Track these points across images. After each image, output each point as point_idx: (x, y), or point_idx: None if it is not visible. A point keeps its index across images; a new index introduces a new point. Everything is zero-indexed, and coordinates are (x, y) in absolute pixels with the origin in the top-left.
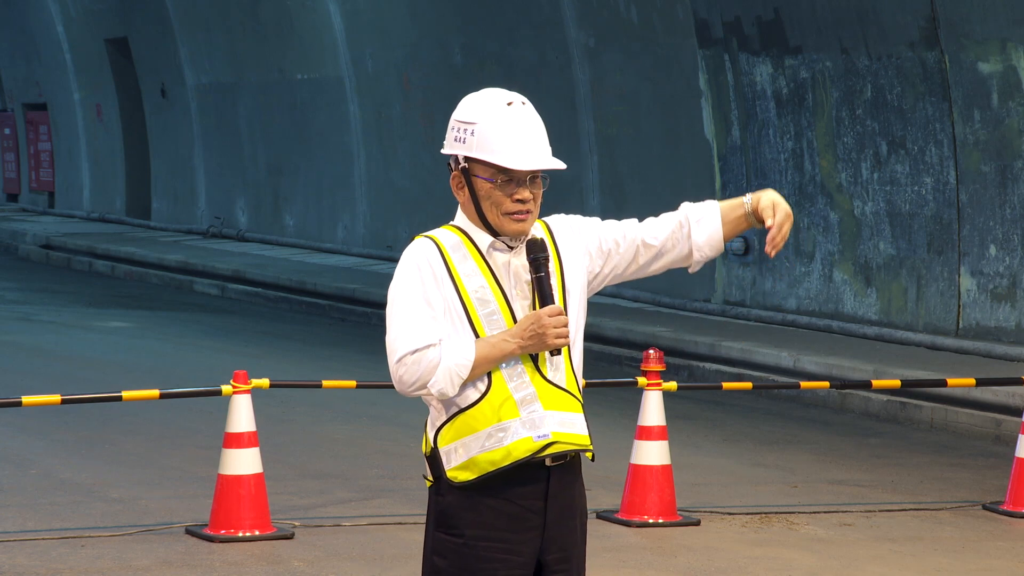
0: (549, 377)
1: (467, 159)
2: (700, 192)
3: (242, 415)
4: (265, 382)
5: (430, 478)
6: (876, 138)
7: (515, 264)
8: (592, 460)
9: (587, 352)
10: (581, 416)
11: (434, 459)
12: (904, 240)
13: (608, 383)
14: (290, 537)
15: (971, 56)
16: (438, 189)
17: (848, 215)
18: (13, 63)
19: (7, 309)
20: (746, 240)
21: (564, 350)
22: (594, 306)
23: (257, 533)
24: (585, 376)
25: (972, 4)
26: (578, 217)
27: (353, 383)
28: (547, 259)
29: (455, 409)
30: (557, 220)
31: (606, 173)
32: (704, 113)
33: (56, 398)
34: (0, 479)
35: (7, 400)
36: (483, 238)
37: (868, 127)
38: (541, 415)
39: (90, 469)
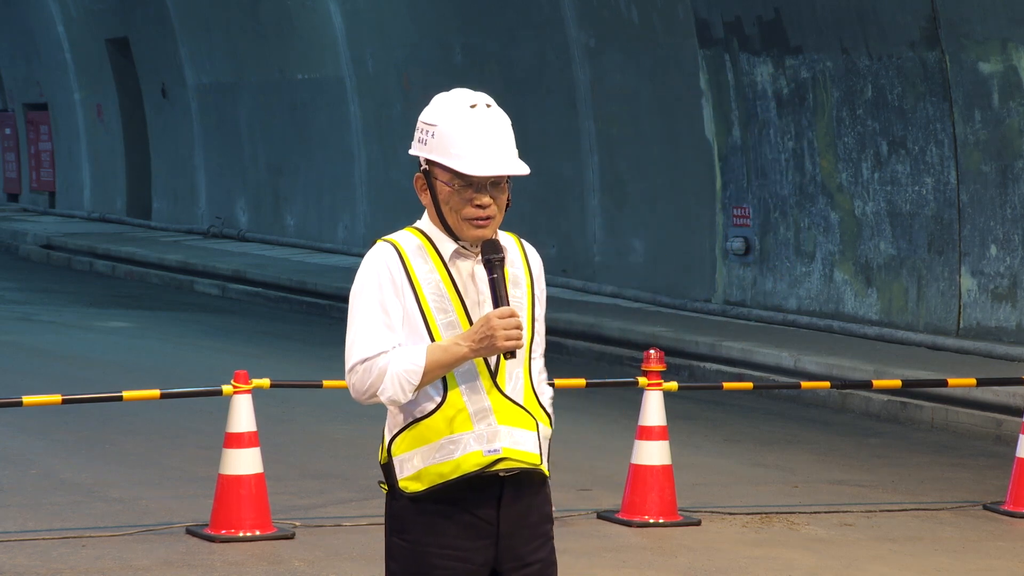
0: (507, 392)
1: (428, 161)
2: (701, 192)
3: (243, 415)
4: (266, 382)
5: (385, 485)
6: (877, 138)
7: (479, 272)
8: (546, 477)
9: (588, 352)
10: (534, 434)
11: (388, 468)
12: (905, 240)
13: (609, 383)
14: (290, 537)
15: (972, 56)
16: None
17: (849, 215)
18: (13, 63)
19: (7, 309)
20: (746, 240)
21: (524, 366)
22: (594, 306)
23: (258, 533)
24: (586, 376)
25: (972, 4)
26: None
27: None
28: (502, 261)
29: (411, 419)
30: (532, 249)
31: (606, 173)
32: (705, 113)
33: (56, 398)
34: (0, 479)
35: (7, 400)
36: (446, 244)
37: (869, 127)
38: (495, 430)
39: (90, 469)
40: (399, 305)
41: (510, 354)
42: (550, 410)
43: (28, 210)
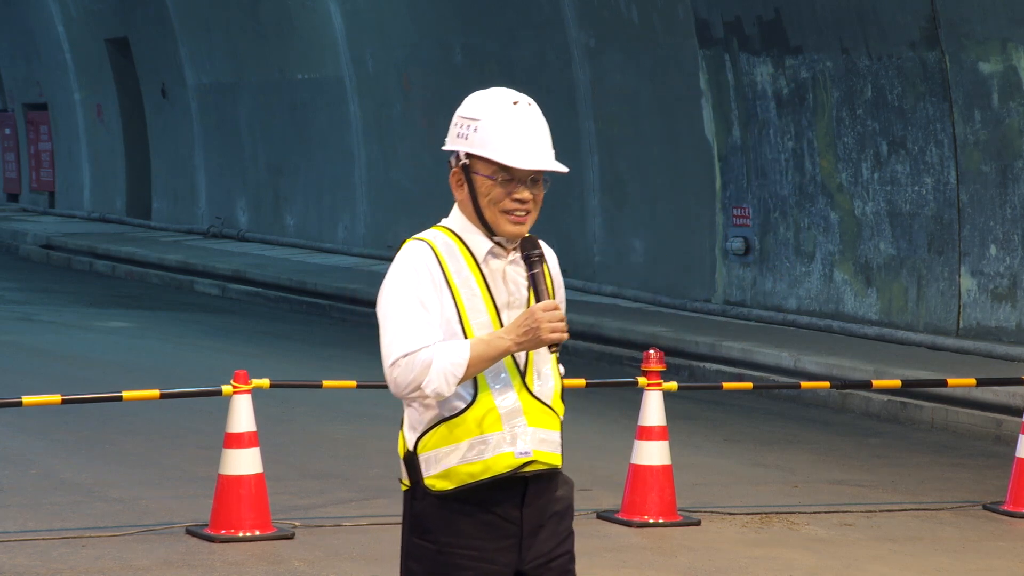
0: (535, 391)
1: (468, 155)
2: (701, 192)
3: (242, 415)
4: (265, 382)
5: (406, 482)
6: (876, 138)
7: (510, 272)
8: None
9: (588, 352)
10: (558, 434)
11: (412, 464)
12: (904, 240)
13: (609, 383)
14: (290, 537)
15: (971, 56)
16: (438, 189)
17: (848, 215)
18: (13, 63)
19: (7, 309)
20: (746, 240)
21: (552, 365)
22: (594, 306)
23: (257, 533)
24: (585, 376)
25: (972, 4)
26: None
27: (353, 383)
28: (541, 256)
29: (439, 417)
30: (550, 250)
31: (606, 173)
32: (704, 113)
33: (56, 398)
34: (0, 479)
35: (7, 400)
36: (479, 243)
37: (868, 127)
38: (524, 430)
39: (90, 469)
40: (437, 302)
41: (555, 347)
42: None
43: (28, 210)
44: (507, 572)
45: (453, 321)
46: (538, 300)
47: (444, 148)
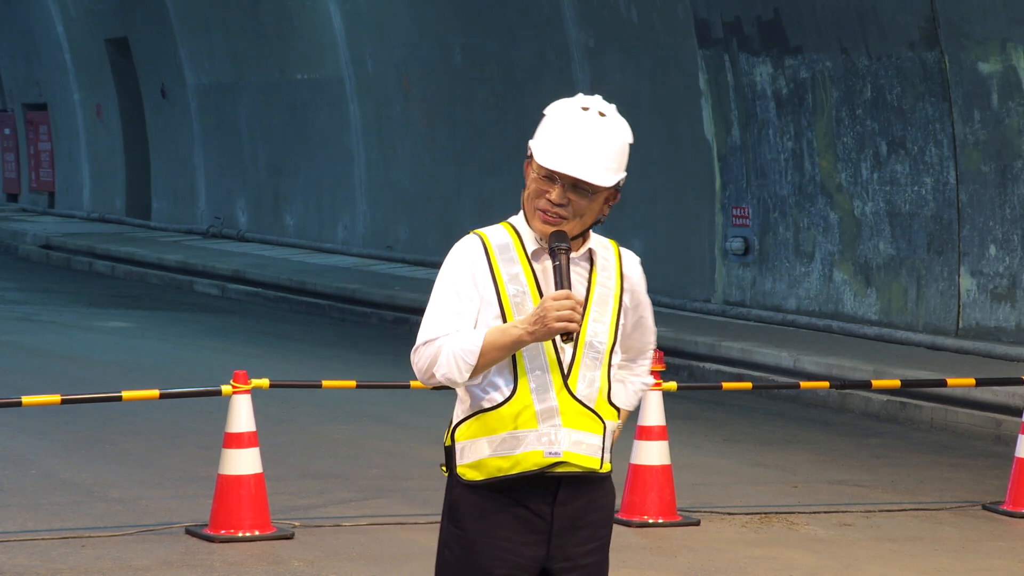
0: (577, 394)
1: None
2: (700, 192)
3: (242, 415)
4: (265, 382)
5: (446, 470)
6: (876, 138)
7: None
8: (609, 474)
9: None
10: (599, 438)
11: (449, 452)
12: (904, 240)
13: None
14: (290, 537)
15: (971, 56)
16: (438, 189)
17: (848, 215)
18: (13, 63)
19: (7, 309)
20: (746, 240)
21: (603, 370)
22: None
23: (257, 533)
24: None
25: (972, 4)
26: (643, 284)
27: (353, 383)
28: (566, 250)
29: (477, 408)
30: (632, 258)
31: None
32: (704, 113)
33: (56, 398)
34: (0, 479)
35: (7, 400)
36: (531, 239)
37: (868, 127)
38: (558, 431)
39: (90, 469)
40: (475, 295)
41: (567, 337)
42: (631, 401)
43: (27, 210)
44: (534, 567)
45: (497, 316)
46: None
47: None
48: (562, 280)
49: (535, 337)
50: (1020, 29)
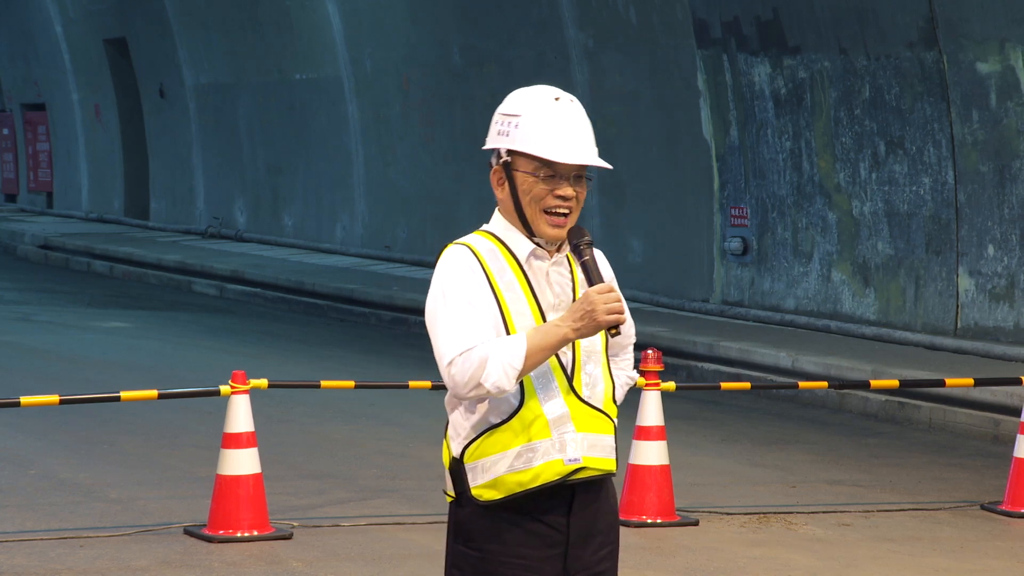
0: (584, 395)
1: (510, 152)
2: (699, 192)
3: (241, 415)
4: (264, 382)
5: (451, 493)
6: (874, 138)
7: (553, 274)
8: (613, 474)
9: None
10: (611, 438)
11: (457, 473)
12: (902, 240)
13: None
14: (288, 537)
15: (969, 56)
16: (437, 189)
17: (846, 215)
18: (12, 63)
19: (6, 309)
20: (744, 240)
21: (603, 367)
22: None
23: (255, 533)
24: None
25: (971, 4)
26: (615, 279)
27: (352, 383)
28: (590, 244)
29: (485, 425)
30: (600, 253)
31: (605, 173)
32: (703, 113)
33: (55, 398)
34: None
35: (6, 400)
36: (522, 245)
37: (866, 127)
38: (573, 437)
39: (89, 469)
40: (489, 302)
41: (614, 330)
42: (619, 396)
43: (26, 210)
44: None
45: (498, 324)
46: (591, 286)
47: (484, 147)
48: (591, 275)
49: (580, 333)
50: (1019, 29)
